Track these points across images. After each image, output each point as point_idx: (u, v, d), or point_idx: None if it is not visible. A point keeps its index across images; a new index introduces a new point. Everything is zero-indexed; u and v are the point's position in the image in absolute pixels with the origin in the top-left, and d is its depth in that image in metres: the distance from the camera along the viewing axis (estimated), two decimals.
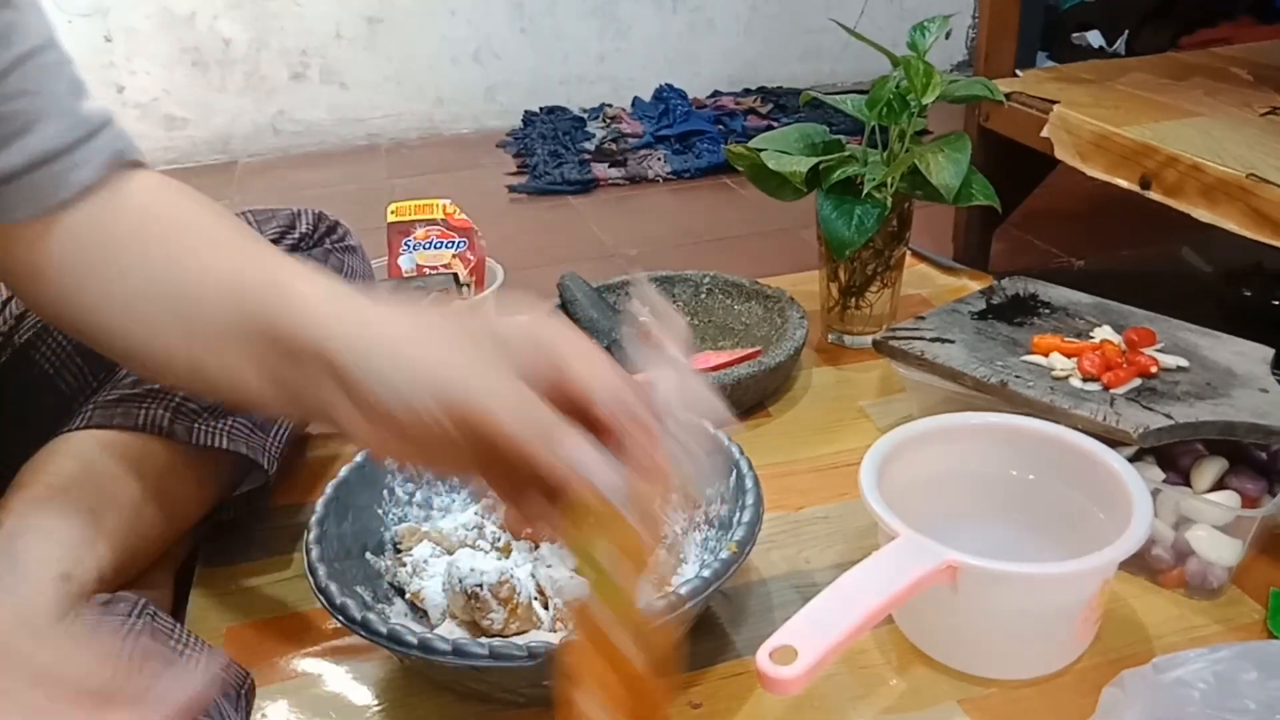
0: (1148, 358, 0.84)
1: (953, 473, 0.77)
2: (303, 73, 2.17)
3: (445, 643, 0.58)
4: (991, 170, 1.08)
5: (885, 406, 1.00)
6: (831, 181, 1.02)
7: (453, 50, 2.24)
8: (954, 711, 0.66)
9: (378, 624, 0.60)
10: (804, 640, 0.56)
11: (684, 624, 0.65)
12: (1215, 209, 0.98)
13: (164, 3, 2.05)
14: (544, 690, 0.62)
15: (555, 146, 2.01)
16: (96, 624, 0.56)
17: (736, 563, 0.64)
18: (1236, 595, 0.74)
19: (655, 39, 2.34)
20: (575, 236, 1.63)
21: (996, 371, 0.84)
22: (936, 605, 0.65)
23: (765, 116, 2.15)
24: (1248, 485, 0.76)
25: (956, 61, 2.52)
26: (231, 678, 0.58)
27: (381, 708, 0.68)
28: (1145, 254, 1.47)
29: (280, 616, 0.76)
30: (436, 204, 1.13)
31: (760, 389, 0.99)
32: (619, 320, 1.03)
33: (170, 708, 0.38)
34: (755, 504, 0.69)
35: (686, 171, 1.87)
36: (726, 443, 0.73)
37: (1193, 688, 0.54)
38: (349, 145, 2.22)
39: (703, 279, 1.15)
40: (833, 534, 0.83)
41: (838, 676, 0.68)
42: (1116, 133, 1.08)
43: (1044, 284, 1.00)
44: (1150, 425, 0.75)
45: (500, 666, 0.58)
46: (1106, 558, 0.62)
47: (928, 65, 0.99)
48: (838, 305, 1.11)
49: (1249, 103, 1.17)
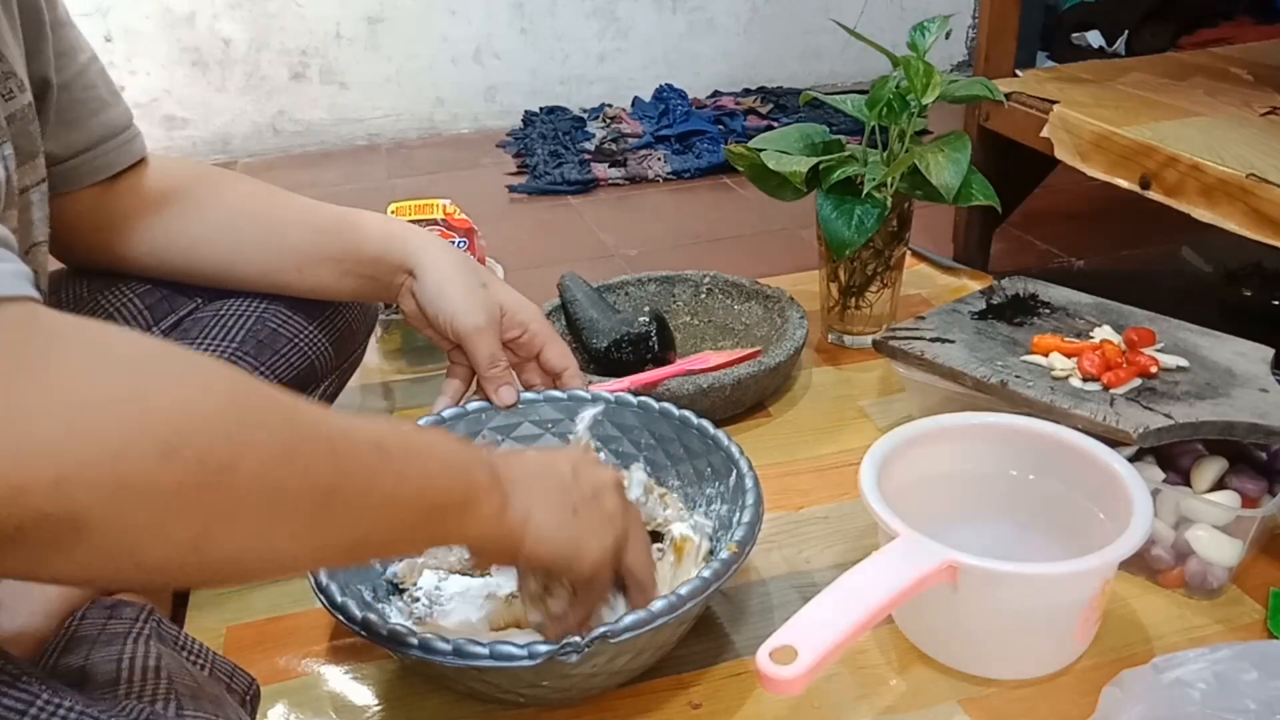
0: (1148, 358, 0.84)
1: (953, 473, 0.77)
2: (303, 73, 2.17)
3: (446, 643, 0.58)
4: (991, 170, 1.08)
5: (885, 406, 1.00)
6: (831, 181, 1.02)
7: (453, 50, 2.24)
8: (954, 711, 0.66)
9: (378, 625, 0.60)
10: (804, 640, 0.56)
11: (684, 624, 0.65)
12: (1215, 209, 0.98)
13: (164, 3, 2.05)
14: (544, 690, 0.62)
15: (555, 146, 2.01)
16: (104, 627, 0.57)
17: (736, 563, 0.64)
18: (1236, 595, 0.74)
19: (655, 39, 2.34)
20: (575, 236, 1.63)
21: (996, 371, 0.84)
22: (936, 605, 0.65)
23: (765, 116, 2.15)
24: (1248, 485, 0.76)
25: (956, 61, 2.52)
26: (237, 684, 0.58)
27: (381, 708, 0.68)
28: (1145, 254, 1.47)
29: (280, 616, 0.76)
30: (436, 204, 1.13)
31: (760, 389, 0.99)
32: (619, 320, 1.03)
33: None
34: (755, 504, 0.69)
35: (686, 171, 1.87)
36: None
37: (1193, 688, 0.54)
38: (349, 145, 2.22)
39: (703, 279, 1.15)
40: (833, 534, 0.83)
41: (838, 676, 0.68)
42: (1116, 133, 1.08)
43: (1044, 284, 1.00)
44: (1150, 425, 0.75)
45: (500, 667, 0.58)
46: (1106, 558, 0.62)
47: (928, 65, 0.99)
48: (838, 305, 1.11)
49: (1249, 103, 1.17)
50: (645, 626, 0.59)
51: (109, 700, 0.46)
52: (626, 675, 0.66)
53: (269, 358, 0.83)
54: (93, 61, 0.77)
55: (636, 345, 1.01)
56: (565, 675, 0.61)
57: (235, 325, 0.83)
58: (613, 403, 0.82)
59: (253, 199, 0.85)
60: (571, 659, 0.58)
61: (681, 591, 0.61)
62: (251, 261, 0.84)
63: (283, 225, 0.84)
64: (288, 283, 0.84)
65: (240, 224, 0.84)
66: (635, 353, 1.01)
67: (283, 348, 0.84)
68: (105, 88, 0.78)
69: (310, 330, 0.86)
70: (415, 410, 1.04)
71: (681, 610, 0.60)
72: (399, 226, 0.86)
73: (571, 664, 0.58)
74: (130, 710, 0.44)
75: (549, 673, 0.60)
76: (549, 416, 0.83)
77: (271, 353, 0.84)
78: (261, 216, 0.84)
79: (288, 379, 0.85)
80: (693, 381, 0.93)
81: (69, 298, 0.84)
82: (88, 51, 0.77)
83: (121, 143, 0.79)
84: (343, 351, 0.91)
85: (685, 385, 0.92)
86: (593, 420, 0.80)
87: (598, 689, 0.66)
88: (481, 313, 0.81)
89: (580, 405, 0.82)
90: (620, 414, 0.82)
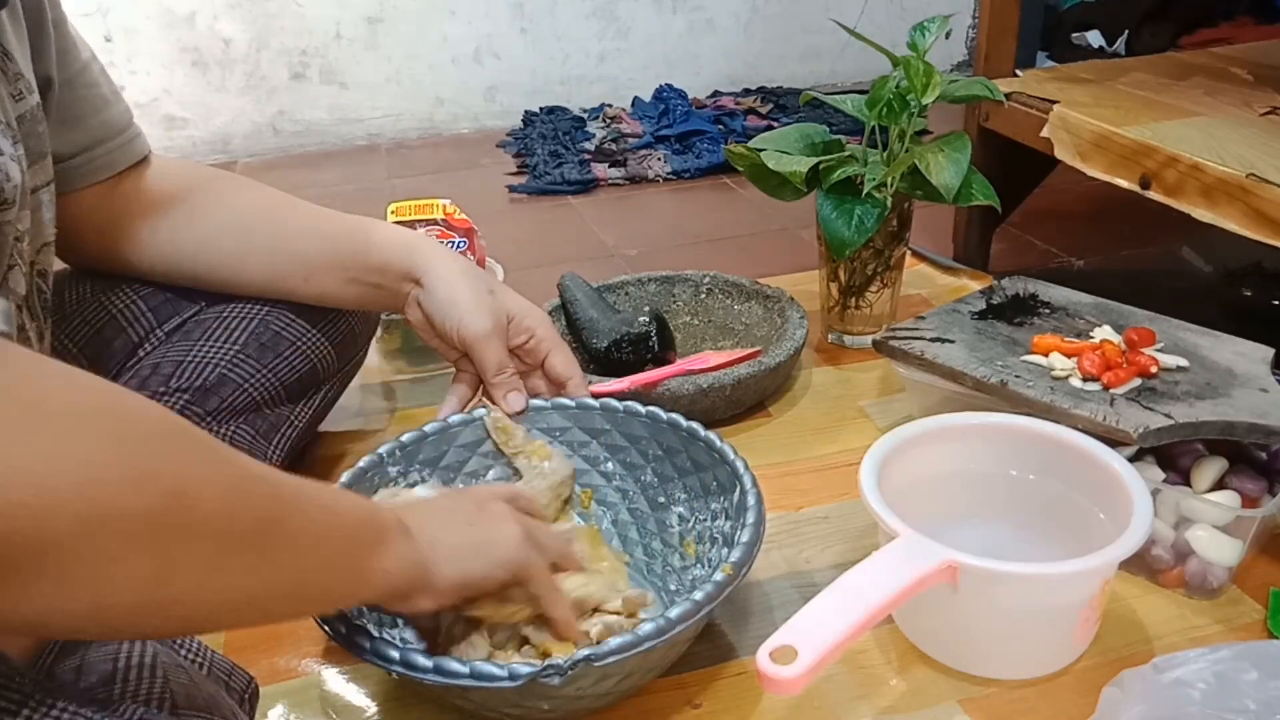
0: (1148, 358, 0.84)
1: (953, 473, 0.77)
2: (303, 73, 2.17)
3: (427, 660, 0.57)
4: (991, 170, 1.08)
5: (885, 406, 1.00)
6: (831, 181, 1.02)
7: (453, 50, 2.24)
8: (954, 711, 0.66)
9: (363, 639, 0.59)
10: (804, 640, 0.56)
11: (675, 647, 0.64)
12: (1215, 209, 0.98)
13: (164, 3, 2.05)
14: (528, 710, 0.62)
15: (555, 146, 2.01)
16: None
17: (731, 585, 0.63)
18: (1236, 595, 0.74)
19: (655, 39, 2.34)
20: (575, 236, 1.63)
21: (996, 371, 0.84)
22: (936, 605, 0.65)
23: (765, 116, 2.15)
24: (1248, 485, 0.76)
25: (956, 61, 2.52)
26: (236, 683, 0.58)
27: (380, 709, 0.68)
28: (1145, 254, 1.46)
29: None
30: (436, 204, 1.12)
31: (760, 389, 0.99)
32: (619, 320, 1.03)
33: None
34: (756, 523, 0.67)
35: (686, 171, 1.87)
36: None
37: (1193, 688, 0.54)
38: (349, 145, 2.22)
39: (703, 279, 1.15)
40: (833, 534, 0.83)
41: (838, 676, 0.68)
42: (1116, 133, 1.08)
43: (1044, 284, 1.00)
44: (1150, 425, 0.75)
45: (481, 687, 0.57)
46: (1106, 558, 0.62)
47: (928, 65, 0.99)
48: (838, 305, 1.11)
49: (1249, 103, 1.17)
50: (631, 650, 0.58)
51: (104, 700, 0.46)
52: (616, 697, 0.65)
53: (271, 360, 0.83)
54: (93, 60, 0.77)
55: (636, 345, 1.01)
56: (550, 697, 0.59)
57: (238, 328, 0.83)
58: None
59: (260, 205, 0.85)
60: (554, 681, 0.56)
61: (671, 614, 0.59)
62: (258, 268, 0.84)
63: (290, 232, 0.84)
64: (293, 289, 0.84)
65: (247, 231, 0.84)
66: (635, 353, 1.01)
67: (285, 350, 0.84)
68: (107, 86, 0.78)
69: (313, 334, 0.86)
70: (416, 410, 1.03)
71: (671, 634, 0.59)
72: (408, 236, 0.86)
73: (554, 686, 0.57)
74: (126, 711, 0.44)
75: (531, 694, 0.58)
76: (557, 424, 0.81)
77: (274, 355, 0.84)
78: (269, 223, 0.84)
79: (289, 381, 0.85)
80: (693, 381, 0.93)
81: (73, 299, 0.84)
82: (88, 50, 0.77)
83: (124, 142, 0.79)
84: (345, 355, 0.91)
85: (685, 385, 0.92)
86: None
87: (586, 710, 0.65)
88: (489, 319, 0.81)
89: (588, 413, 0.81)
90: (629, 424, 0.80)
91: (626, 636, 0.58)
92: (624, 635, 0.58)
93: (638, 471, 0.80)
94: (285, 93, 2.18)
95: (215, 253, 0.83)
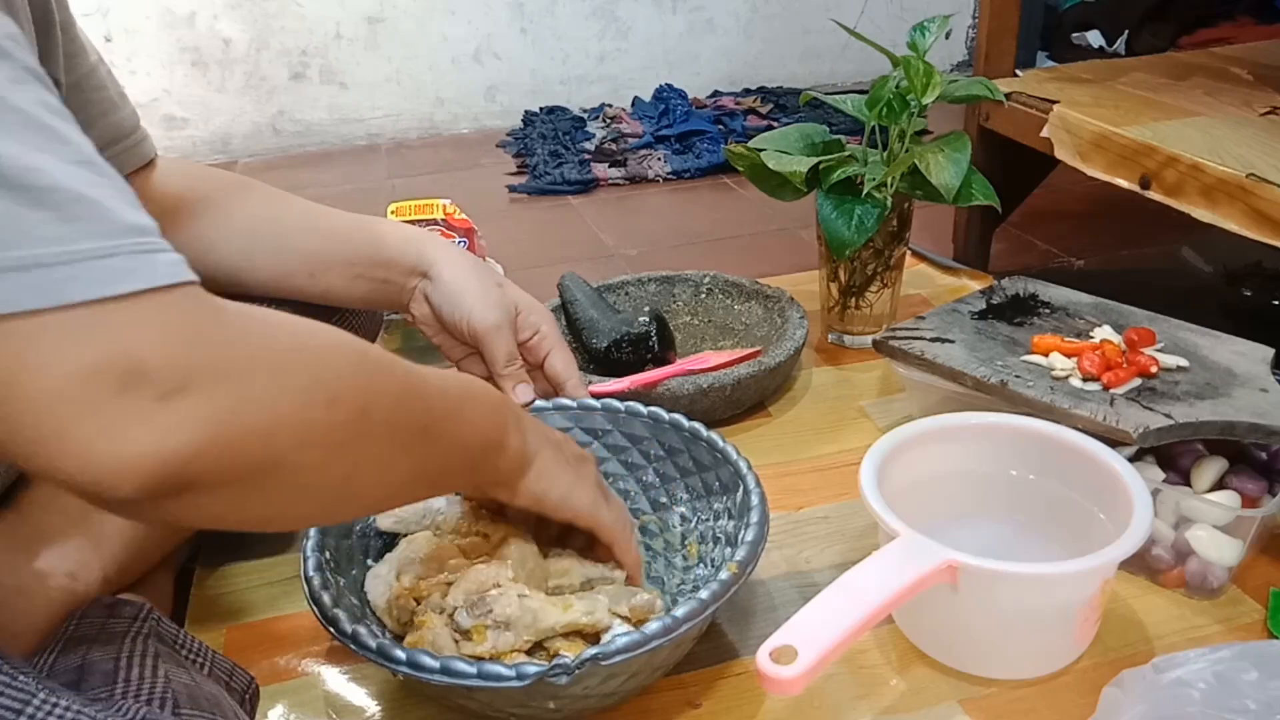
0: (1148, 358, 0.84)
1: (953, 473, 0.77)
2: (303, 73, 2.17)
3: (434, 660, 0.57)
4: (991, 170, 1.08)
5: (885, 406, 1.00)
6: (831, 181, 1.02)
7: (453, 50, 2.24)
8: (954, 711, 0.66)
9: (366, 638, 0.59)
10: (804, 640, 0.56)
11: (681, 647, 0.64)
12: (1215, 209, 0.98)
13: (164, 3, 2.05)
14: (534, 710, 0.62)
15: (555, 146, 2.01)
16: (103, 626, 0.57)
17: (736, 584, 0.63)
18: (1236, 595, 0.74)
19: (655, 39, 2.34)
20: (575, 236, 1.63)
21: (996, 371, 0.84)
22: (936, 605, 0.65)
23: (765, 116, 2.15)
24: (1248, 485, 0.76)
25: (956, 61, 2.52)
26: (236, 683, 0.58)
27: (381, 709, 0.68)
28: (1145, 254, 1.46)
29: (280, 617, 0.76)
30: (436, 204, 1.13)
31: (760, 389, 0.99)
32: (619, 320, 1.03)
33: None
34: (760, 522, 0.68)
35: (686, 171, 1.87)
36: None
37: (1193, 688, 0.54)
38: (349, 145, 2.22)
39: (703, 279, 1.15)
40: (833, 534, 0.83)
41: (838, 676, 0.68)
42: (1116, 133, 1.08)
43: (1044, 284, 1.00)
44: (1150, 425, 0.75)
45: (488, 687, 0.57)
46: (1106, 558, 0.62)
47: (928, 65, 0.99)
48: (838, 305, 1.11)
49: (1249, 103, 1.17)
50: (638, 649, 0.58)
51: (106, 699, 0.46)
52: (622, 697, 0.64)
53: None
54: (101, 63, 0.77)
55: (636, 345, 1.01)
56: (556, 696, 0.59)
57: None
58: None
59: (266, 206, 0.85)
60: (561, 680, 0.56)
61: (678, 613, 0.59)
62: (263, 267, 0.84)
63: (295, 230, 0.85)
64: (299, 287, 0.84)
65: (253, 230, 0.84)
66: (635, 353, 1.01)
67: None
68: (114, 89, 0.78)
69: None
70: None
71: (677, 633, 0.59)
72: (414, 231, 0.86)
73: (561, 685, 0.57)
74: (127, 710, 0.44)
75: (539, 694, 0.58)
76: (559, 425, 0.80)
77: None
78: (274, 223, 0.85)
79: None
80: (693, 381, 0.93)
81: None
82: (95, 53, 0.77)
83: (131, 144, 0.79)
84: None
85: (685, 385, 0.92)
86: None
87: (591, 710, 0.64)
88: (500, 310, 0.82)
89: (590, 413, 0.81)
90: (630, 424, 0.80)
91: (634, 635, 0.58)
92: (631, 634, 0.59)
93: (639, 472, 0.80)
94: (285, 93, 2.18)
95: (222, 253, 0.83)
